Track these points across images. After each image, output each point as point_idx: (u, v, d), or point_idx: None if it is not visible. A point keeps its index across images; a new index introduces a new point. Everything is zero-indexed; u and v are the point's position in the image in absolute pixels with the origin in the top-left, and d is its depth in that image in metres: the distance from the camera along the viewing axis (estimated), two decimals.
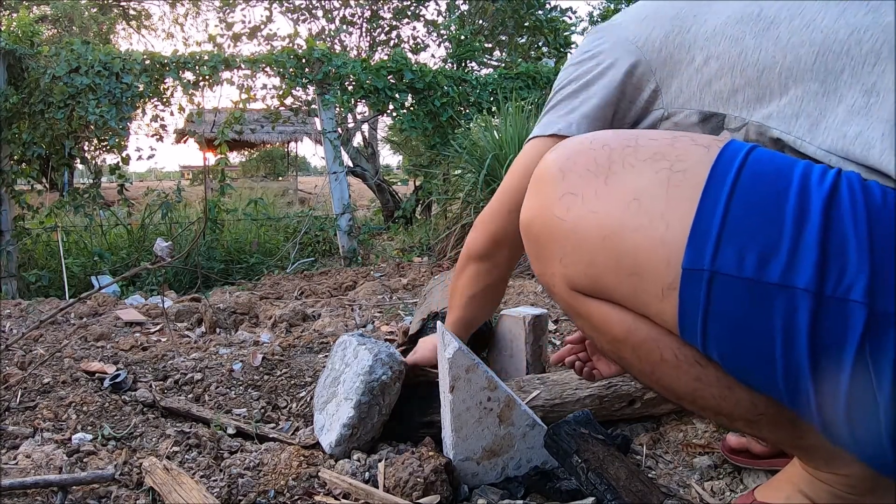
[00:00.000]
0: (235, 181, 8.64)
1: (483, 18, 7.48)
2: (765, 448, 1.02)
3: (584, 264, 0.68)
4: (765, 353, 0.59)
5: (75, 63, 4.02)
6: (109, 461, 1.06)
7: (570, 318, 0.78)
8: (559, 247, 0.70)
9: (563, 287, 0.72)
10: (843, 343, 0.55)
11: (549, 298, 2.42)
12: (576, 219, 0.68)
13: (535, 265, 0.77)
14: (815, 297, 0.55)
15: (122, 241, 4.80)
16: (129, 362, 1.60)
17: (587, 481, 0.92)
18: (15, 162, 4.12)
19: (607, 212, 0.66)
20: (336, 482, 1.00)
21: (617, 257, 0.65)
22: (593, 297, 0.70)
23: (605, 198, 0.66)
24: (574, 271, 0.69)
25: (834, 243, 0.55)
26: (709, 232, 0.59)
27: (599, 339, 0.75)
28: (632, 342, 0.69)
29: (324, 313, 2.34)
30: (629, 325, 0.68)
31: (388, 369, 1.14)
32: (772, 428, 0.70)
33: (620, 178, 0.66)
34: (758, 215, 0.58)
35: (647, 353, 0.69)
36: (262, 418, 1.33)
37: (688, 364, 0.67)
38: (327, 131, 4.64)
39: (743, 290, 0.57)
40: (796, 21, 0.71)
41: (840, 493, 0.74)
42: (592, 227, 0.66)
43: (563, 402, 1.21)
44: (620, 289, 0.66)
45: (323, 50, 4.63)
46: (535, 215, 0.73)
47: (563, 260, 0.70)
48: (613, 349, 0.74)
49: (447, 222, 4.16)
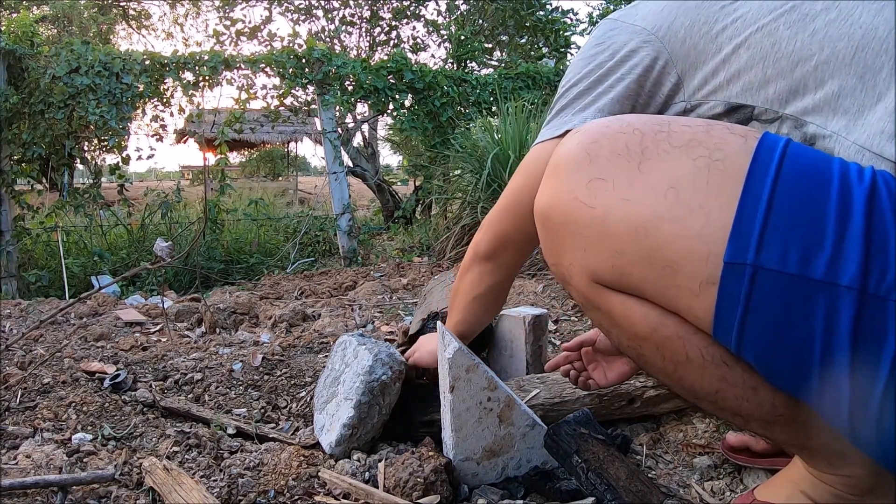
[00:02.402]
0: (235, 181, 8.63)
1: (483, 18, 7.48)
2: (765, 446, 1.02)
3: (612, 255, 0.64)
4: (803, 351, 0.58)
5: (75, 63, 4.02)
6: (109, 461, 1.06)
7: (584, 313, 0.75)
8: (582, 236, 0.66)
9: (584, 279, 0.69)
10: (882, 343, 0.54)
11: (550, 298, 2.42)
12: (605, 206, 0.64)
13: (549, 256, 0.73)
14: (859, 295, 0.54)
15: (122, 241, 4.80)
16: (129, 362, 1.60)
17: (587, 481, 0.92)
18: (15, 162, 4.12)
19: (641, 200, 0.62)
20: (336, 482, 1.00)
21: (650, 249, 0.62)
22: (616, 290, 0.67)
23: (638, 185, 0.63)
24: (598, 262, 0.66)
25: (876, 241, 0.54)
26: (752, 226, 0.57)
27: (619, 335, 0.71)
28: (656, 339, 0.66)
29: (324, 313, 2.34)
30: (655, 321, 0.65)
31: (388, 369, 1.14)
32: (784, 429, 0.70)
33: (655, 165, 0.63)
34: (801, 210, 0.56)
35: (672, 351, 0.66)
36: (262, 418, 1.33)
37: (714, 364, 0.65)
38: (327, 131, 4.64)
39: (786, 286, 0.56)
40: (832, 14, 0.69)
41: (841, 493, 0.74)
42: (624, 216, 0.63)
43: (563, 401, 1.21)
44: (650, 282, 0.63)
45: (323, 50, 4.63)
46: (555, 201, 0.69)
47: (586, 250, 0.66)
48: (634, 346, 0.70)
49: (447, 222, 4.16)
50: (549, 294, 2.51)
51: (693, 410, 1.27)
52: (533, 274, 3.04)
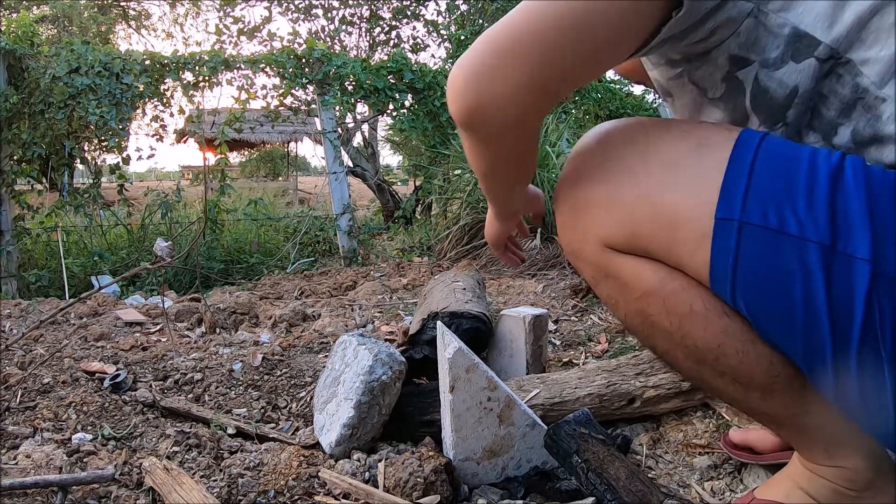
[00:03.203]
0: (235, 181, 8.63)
1: (483, 18, 7.48)
2: (766, 445, 1.03)
3: (623, 219, 0.72)
4: (785, 303, 0.64)
5: (75, 63, 4.02)
6: (109, 461, 1.06)
7: (593, 289, 0.82)
8: (598, 207, 0.74)
9: (596, 246, 0.76)
10: (851, 299, 0.61)
11: (550, 298, 2.42)
12: (617, 180, 0.73)
13: (565, 233, 0.80)
14: (828, 251, 0.61)
15: (122, 241, 4.80)
16: (129, 362, 1.60)
17: (587, 481, 0.92)
18: (15, 162, 4.12)
19: (647, 173, 0.71)
20: (336, 482, 1.00)
21: (655, 211, 0.70)
22: (626, 253, 0.74)
23: (643, 163, 0.72)
24: (612, 227, 0.73)
25: (840, 209, 0.61)
26: (737, 189, 0.66)
27: (627, 297, 0.76)
28: (663, 292, 0.72)
29: (324, 313, 2.34)
30: (662, 274, 0.72)
31: (388, 369, 1.14)
32: (783, 399, 0.72)
33: (656, 148, 0.72)
34: (776, 180, 0.65)
35: (678, 303, 0.72)
36: (262, 418, 1.33)
37: (716, 314, 0.70)
38: (327, 131, 4.64)
39: (767, 239, 0.64)
40: None
41: (839, 488, 0.75)
42: (634, 186, 0.71)
43: (563, 401, 1.21)
44: (658, 240, 0.71)
45: (323, 50, 4.63)
46: (573, 182, 0.77)
47: (601, 219, 0.74)
48: (640, 307, 0.75)
49: (447, 222, 4.16)
50: (549, 294, 2.51)
51: (693, 410, 1.27)
52: (533, 274, 3.04)
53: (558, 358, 1.70)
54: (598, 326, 2.04)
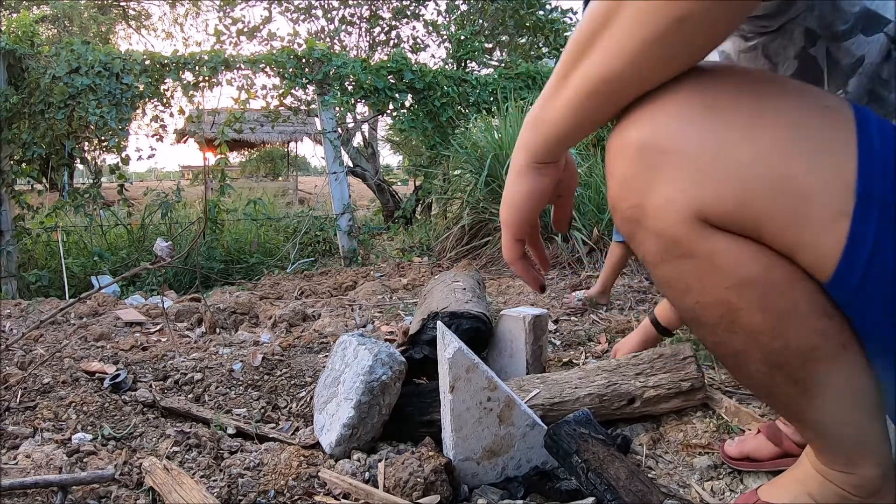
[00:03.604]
0: (235, 181, 8.64)
1: (483, 18, 7.48)
2: (764, 451, 1.02)
3: (731, 184, 0.57)
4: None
5: (75, 63, 4.03)
6: (109, 461, 1.06)
7: (650, 267, 0.66)
8: (695, 166, 0.58)
9: (683, 214, 0.60)
10: None
11: (550, 298, 2.42)
12: (725, 134, 0.57)
13: (632, 195, 0.62)
14: None
15: (122, 241, 4.80)
16: (129, 362, 1.60)
17: (587, 481, 0.92)
18: (15, 162, 4.12)
19: (768, 129, 0.57)
20: (336, 482, 1.00)
21: (781, 178, 0.56)
22: (721, 229, 0.60)
23: (761, 117, 0.58)
24: (712, 192, 0.58)
25: None
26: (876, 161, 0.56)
27: (710, 284, 0.62)
28: (764, 283, 0.60)
29: (324, 313, 2.34)
30: (766, 261, 0.59)
31: (388, 369, 1.14)
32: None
33: (774, 103, 0.59)
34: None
35: (778, 298, 0.60)
36: (262, 418, 1.33)
37: (817, 314, 0.61)
38: (327, 131, 4.64)
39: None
40: None
41: (847, 494, 0.73)
42: (750, 144, 0.57)
43: (563, 401, 1.21)
44: (775, 215, 0.57)
45: (323, 50, 4.63)
46: (661, 128, 0.60)
47: (698, 180, 0.58)
48: (727, 297, 0.62)
49: (447, 222, 4.16)
50: (549, 294, 2.51)
51: (693, 410, 1.27)
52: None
53: (558, 358, 1.70)
54: (598, 326, 2.04)
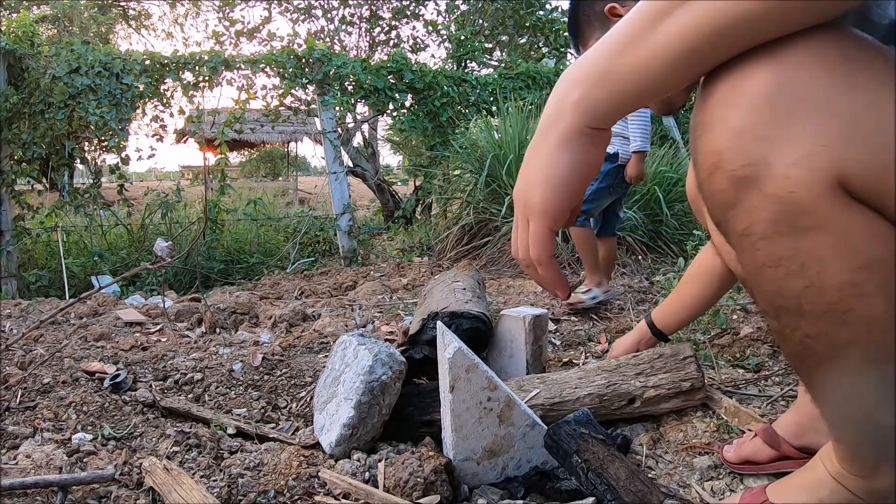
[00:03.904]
0: (235, 181, 8.64)
1: (483, 18, 7.48)
2: (763, 454, 1.02)
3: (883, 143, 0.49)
4: None
5: (75, 63, 4.03)
6: (109, 461, 1.06)
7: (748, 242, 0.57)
8: (839, 122, 0.49)
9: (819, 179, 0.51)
10: None
11: (550, 298, 2.41)
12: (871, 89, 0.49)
13: (753, 145, 0.52)
14: None
15: (122, 241, 4.80)
16: (129, 362, 1.60)
17: (587, 481, 0.92)
18: (15, 162, 4.12)
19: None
20: (336, 482, 1.00)
21: None
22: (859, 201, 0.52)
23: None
24: (858, 154, 0.50)
25: None
26: None
27: (837, 265, 0.53)
28: (894, 265, 0.53)
29: (324, 313, 2.34)
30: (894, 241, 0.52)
31: (388, 369, 1.14)
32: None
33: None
34: None
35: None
36: (262, 418, 1.33)
37: None
38: (327, 131, 4.64)
39: None
40: None
41: (856, 499, 0.72)
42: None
43: (563, 401, 1.21)
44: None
45: (323, 50, 4.63)
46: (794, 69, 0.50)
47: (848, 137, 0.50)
48: (854, 279, 0.54)
49: (447, 222, 4.16)
50: (549, 294, 2.51)
51: (693, 410, 1.27)
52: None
53: (558, 358, 1.70)
54: (598, 326, 2.04)
